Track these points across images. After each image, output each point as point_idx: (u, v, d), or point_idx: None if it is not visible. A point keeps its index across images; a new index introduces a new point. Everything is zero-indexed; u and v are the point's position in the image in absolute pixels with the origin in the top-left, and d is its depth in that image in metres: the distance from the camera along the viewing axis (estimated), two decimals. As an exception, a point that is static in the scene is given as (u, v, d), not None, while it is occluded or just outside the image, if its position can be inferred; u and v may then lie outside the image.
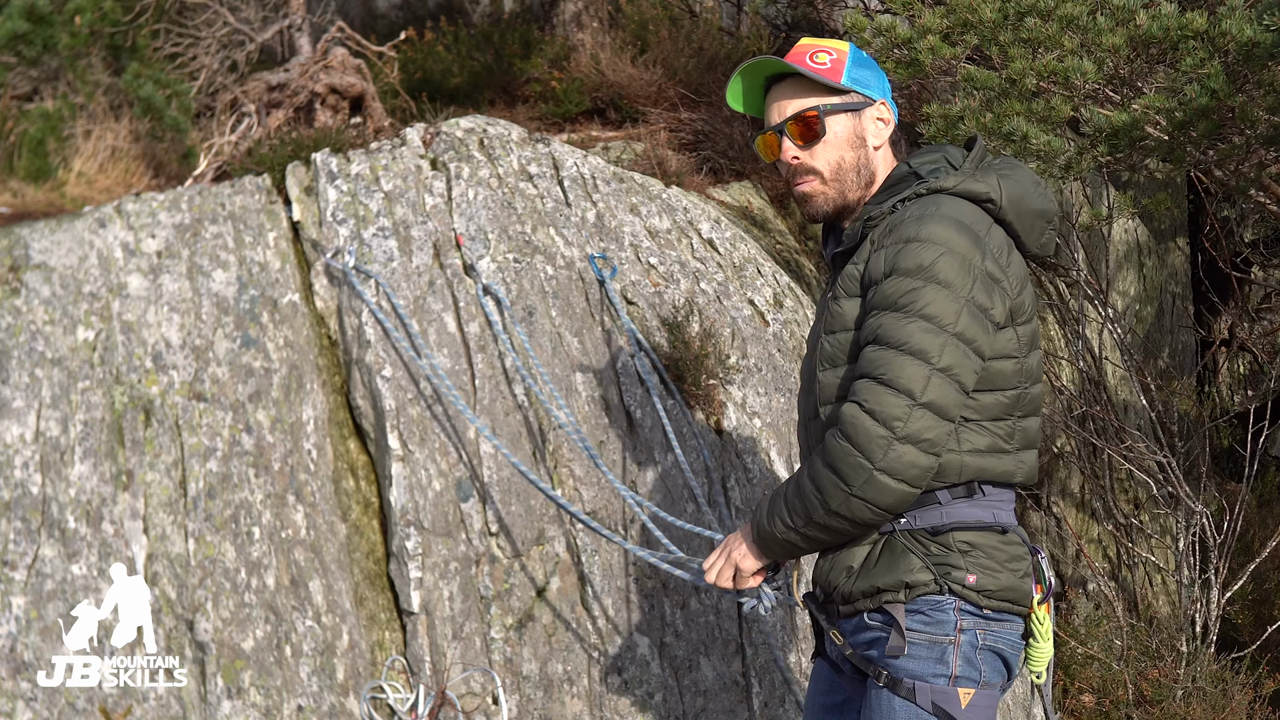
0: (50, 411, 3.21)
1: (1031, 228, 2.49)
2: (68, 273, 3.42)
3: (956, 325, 2.31)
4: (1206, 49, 4.02)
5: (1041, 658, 2.51)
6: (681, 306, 4.17)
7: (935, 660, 2.38)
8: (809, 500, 2.37)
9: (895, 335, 2.32)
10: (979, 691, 2.39)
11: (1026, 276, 2.46)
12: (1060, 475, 6.36)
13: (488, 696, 3.42)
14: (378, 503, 3.65)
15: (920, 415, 2.29)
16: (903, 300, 2.33)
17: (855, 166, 2.56)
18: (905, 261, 2.34)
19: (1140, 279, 7.32)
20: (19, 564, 3.01)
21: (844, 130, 2.55)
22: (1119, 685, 5.05)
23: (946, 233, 2.34)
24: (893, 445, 2.28)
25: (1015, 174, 2.48)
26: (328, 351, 3.81)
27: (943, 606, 2.38)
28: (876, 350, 2.34)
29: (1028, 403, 2.46)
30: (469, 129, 4.36)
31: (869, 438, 2.29)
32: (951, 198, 2.42)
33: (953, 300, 2.31)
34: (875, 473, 2.29)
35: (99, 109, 4.95)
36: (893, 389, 2.29)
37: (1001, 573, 2.41)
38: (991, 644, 2.41)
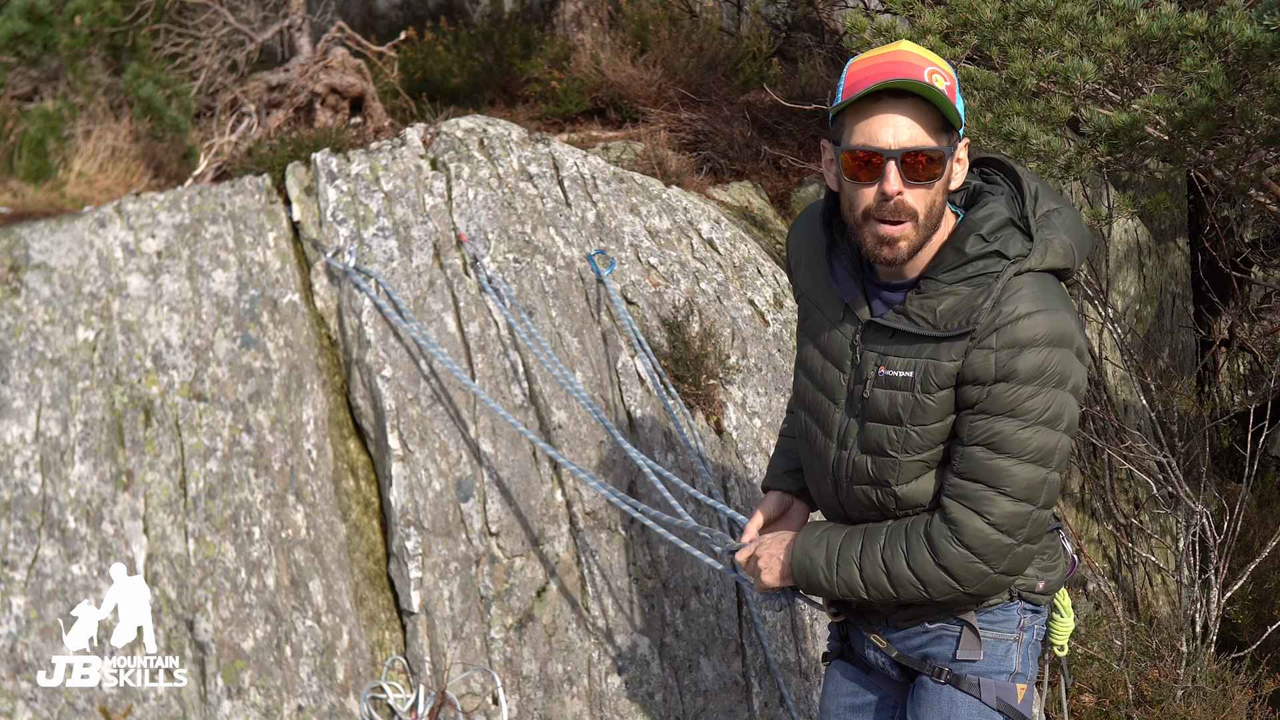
0: (50, 411, 3.21)
1: (1066, 270, 2.36)
2: (68, 273, 3.42)
3: (1066, 421, 2.27)
4: (1206, 49, 4.02)
5: (1064, 631, 2.58)
6: (681, 306, 4.16)
7: (1000, 658, 2.44)
8: (902, 588, 2.33)
9: (1016, 446, 2.24)
10: (1029, 688, 2.48)
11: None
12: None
13: (488, 696, 3.42)
14: (378, 503, 3.65)
15: (1039, 517, 2.30)
16: (1023, 408, 2.23)
17: (941, 210, 2.29)
18: (1023, 368, 2.21)
19: (1140, 279, 7.32)
20: (19, 564, 3.01)
21: (946, 173, 2.26)
22: (1119, 685, 5.05)
23: (1059, 329, 2.22)
24: (1014, 550, 2.29)
25: (1065, 216, 2.33)
26: (328, 351, 3.81)
27: (1009, 608, 2.45)
28: (994, 459, 2.25)
29: None
30: (469, 129, 4.36)
31: (995, 549, 2.27)
32: (1042, 278, 2.26)
33: (1067, 399, 2.25)
34: (994, 575, 2.31)
35: (99, 109, 4.95)
36: (1014, 499, 2.26)
37: (1055, 569, 2.48)
38: (1040, 639, 2.50)
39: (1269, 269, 8.19)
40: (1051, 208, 2.35)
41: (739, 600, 3.80)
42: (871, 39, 4.67)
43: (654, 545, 3.73)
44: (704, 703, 3.64)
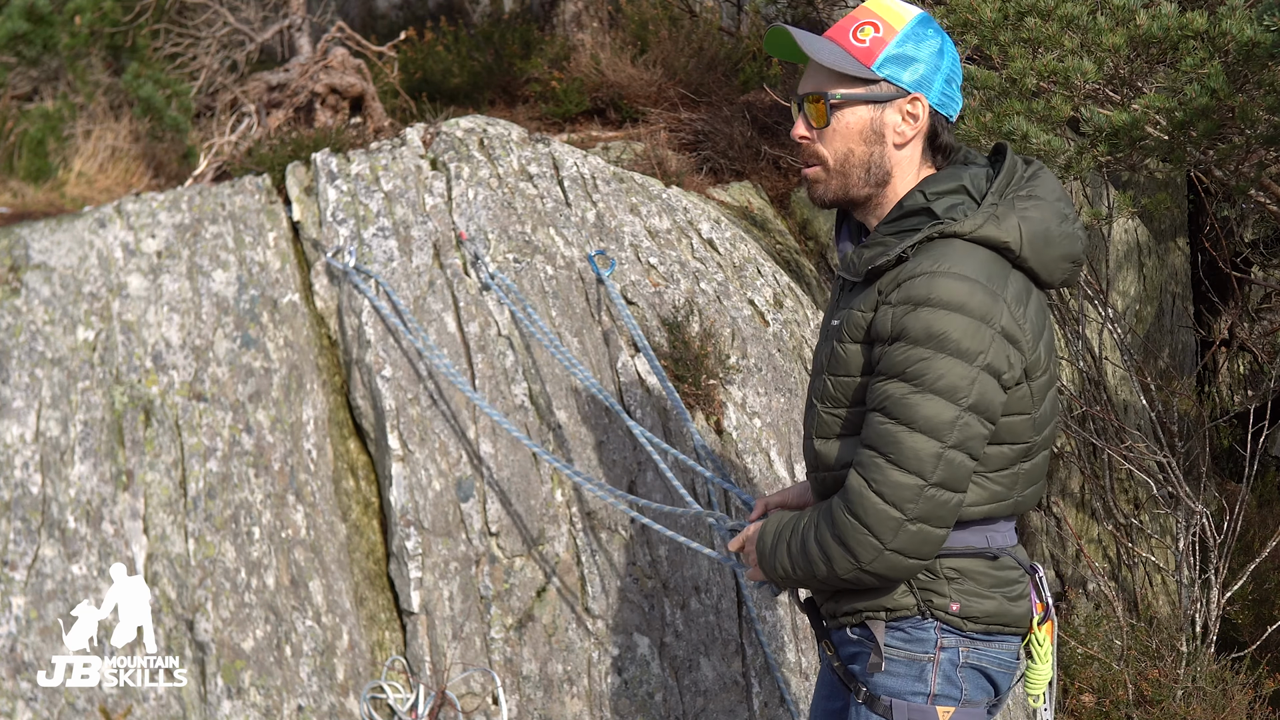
0: (50, 411, 3.21)
1: (1055, 270, 2.31)
2: (68, 273, 3.42)
3: (970, 398, 2.17)
4: (1206, 49, 4.02)
5: (1038, 679, 2.43)
6: (681, 306, 4.17)
7: (914, 678, 2.33)
8: (814, 564, 2.30)
9: (904, 410, 2.18)
10: (959, 710, 2.33)
11: (1044, 325, 2.30)
12: (1060, 475, 6.36)
13: (488, 696, 3.42)
14: (378, 503, 3.65)
15: (932, 494, 2.19)
16: (912, 371, 2.17)
17: (865, 163, 2.33)
18: (914, 326, 2.17)
19: (1140, 279, 7.32)
20: (19, 564, 3.01)
21: (857, 122, 2.30)
22: (1119, 685, 5.05)
23: (959, 294, 2.16)
24: (904, 526, 2.19)
25: (1038, 212, 2.27)
26: (328, 351, 3.81)
27: (924, 626, 2.33)
28: (885, 424, 2.20)
29: (1035, 449, 2.35)
30: (469, 129, 4.36)
31: (880, 520, 2.19)
32: (966, 245, 2.22)
33: (966, 371, 2.16)
34: (886, 552, 2.21)
35: (99, 109, 4.95)
36: (903, 469, 2.18)
37: (989, 599, 2.34)
38: (975, 662, 2.35)
39: (1269, 269, 8.20)
40: (1031, 195, 2.30)
41: (739, 600, 3.80)
42: (871, 39, 4.66)
43: (654, 545, 3.73)
44: (704, 703, 3.64)
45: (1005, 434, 2.28)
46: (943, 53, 2.32)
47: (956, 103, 2.35)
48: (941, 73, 2.32)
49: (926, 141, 2.34)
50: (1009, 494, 2.33)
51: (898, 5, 2.35)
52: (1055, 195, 2.33)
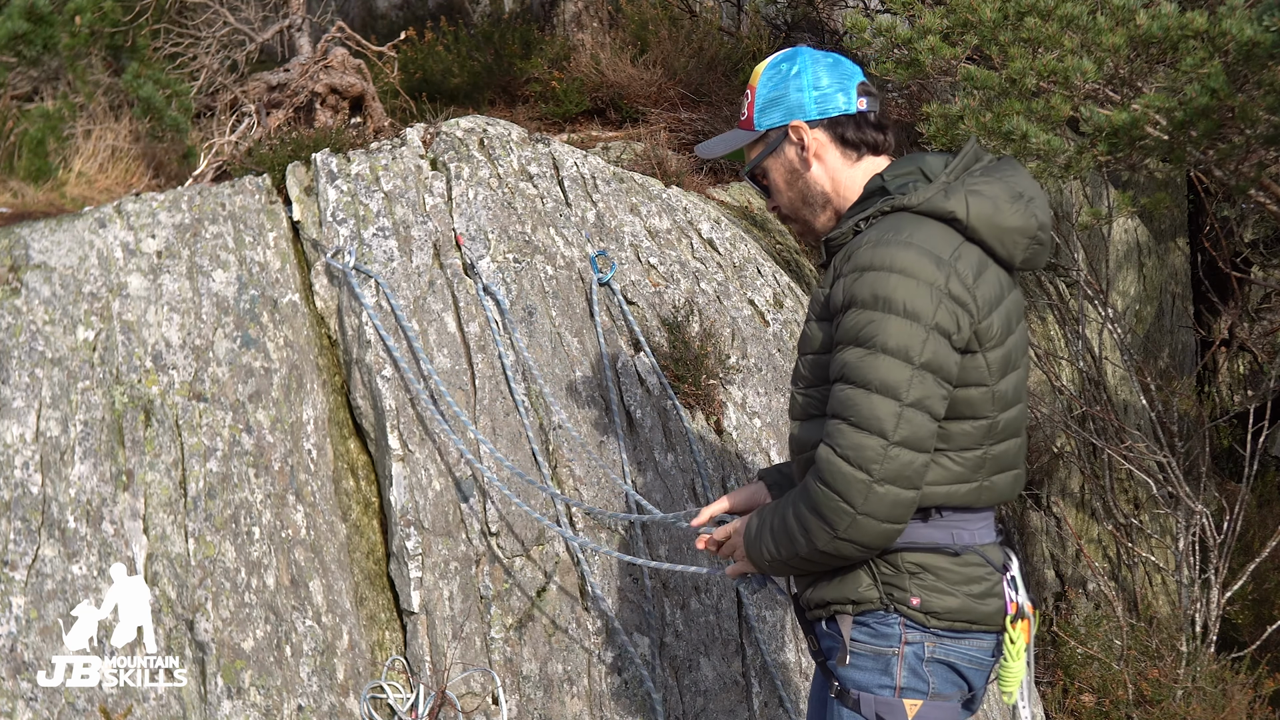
0: (50, 411, 3.21)
1: (1012, 245, 2.37)
2: (68, 273, 3.42)
3: (922, 355, 2.23)
4: (1206, 49, 4.02)
5: (1010, 678, 2.44)
6: (681, 306, 4.17)
7: (880, 671, 2.37)
8: (795, 539, 2.33)
9: (861, 373, 2.24)
10: (928, 703, 2.36)
11: (1000, 298, 2.34)
12: (1060, 475, 6.36)
13: (488, 696, 3.42)
14: (378, 503, 3.65)
15: (896, 454, 2.23)
16: (864, 334, 2.25)
17: (803, 198, 2.53)
18: (862, 292, 2.26)
19: (1140, 279, 7.32)
20: (19, 564, 3.01)
21: (777, 173, 2.54)
22: (1119, 685, 5.05)
23: (904, 258, 2.24)
24: (872, 489, 2.23)
25: (989, 188, 2.35)
26: (328, 351, 3.81)
27: (888, 620, 2.37)
28: (844, 389, 2.27)
29: (1001, 429, 2.38)
30: (469, 129, 4.36)
31: (847, 483, 2.24)
32: (915, 217, 2.32)
33: (916, 330, 2.23)
34: (859, 517, 2.24)
35: (99, 109, 4.95)
36: (865, 430, 2.23)
37: (951, 595, 2.36)
38: (942, 657, 2.37)
39: (1269, 269, 8.20)
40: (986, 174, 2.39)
41: (739, 600, 3.80)
42: (871, 39, 4.67)
43: (654, 545, 3.73)
44: (704, 703, 3.64)
45: (964, 407, 2.32)
46: (798, 74, 2.50)
47: (837, 100, 2.49)
48: (804, 89, 2.49)
49: (839, 145, 2.50)
50: (974, 476, 2.36)
51: (762, 65, 2.59)
52: (1013, 177, 2.40)
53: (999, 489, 2.42)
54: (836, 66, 2.51)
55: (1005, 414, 2.38)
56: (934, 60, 4.46)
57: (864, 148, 2.50)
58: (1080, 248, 5.97)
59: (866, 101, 2.50)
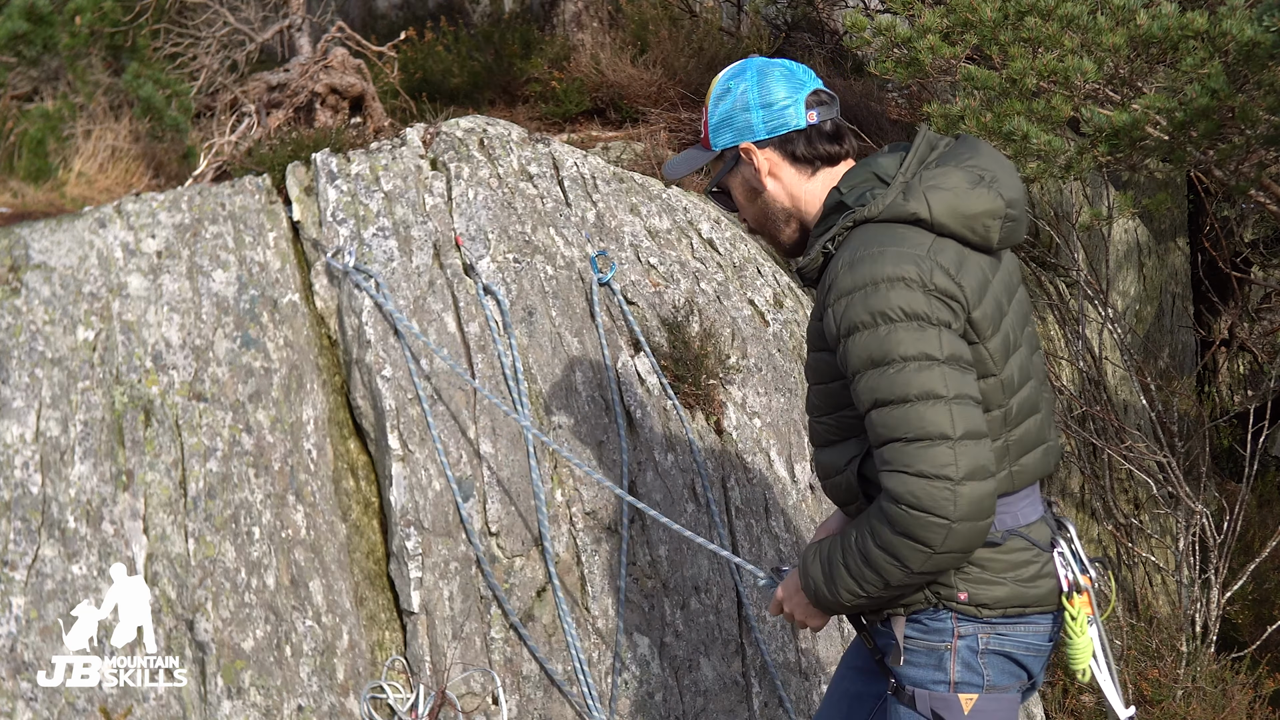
0: (50, 411, 3.21)
1: (984, 229, 2.33)
2: (68, 273, 3.42)
3: (943, 351, 2.21)
4: (1207, 49, 4.02)
5: (1078, 654, 2.41)
6: (681, 306, 4.17)
7: (933, 667, 2.36)
8: (885, 570, 2.26)
9: (895, 390, 2.20)
10: (984, 696, 2.35)
11: (986, 283, 2.32)
12: (1060, 475, 6.36)
13: (488, 696, 3.42)
14: (378, 503, 3.65)
15: (964, 450, 2.19)
16: (878, 353, 2.22)
17: (766, 214, 2.52)
18: (858, 315, 2.23)
19: (1140, 279, 7.32)
20: (19, 564, 3.01)
21: (738, 191, 2.53)
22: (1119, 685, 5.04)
23: (885, 268, 2.22)
24: (958, 493, 2.18)
25: (948, 179, 2.31)
26: (328, 351, 3.81)
27: (940, 616, 2.35)
28: (886, 412, 2.22)
29: (1016, 414, 2.36)
30: (469, 129, 4.36)
31: (933, 499, 2.18)
32: (880, 225, 2.29)
33: (926, 330, 2.21)
34: (954, 525, 2.19)
35: (99, 109, 4.95)
36: (926, 441, 2.18)
37: (999, 585, 2.34)
38: (997, 648, 2.35)
39: (1269, 269, 8.20)
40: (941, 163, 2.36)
41: (739, 600, 3.81)
42: (871, 39, 4.67)
43: (654, 545, 3.73)
44: (704, 703, 3.64)
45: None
46: (745, 92, 2.47)
47: (786, 116, 2.45)
48: (752, 109, 2.46)
49: (791, 163, 2.46)
50: (1000, 466, 2.33)
51: (715, 81, 2.56)
52: (974, 160, 2.36)
53: (1030, 468, 2.40)
54: (787, 78, 2.46)
55: (1017, 397, 2.36)
56: (934, 60, 4.46)
57: (818, 161, 2.46)
58: (1080, 248, 5.97)
59: (818, 113, 2.45)
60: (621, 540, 3.67)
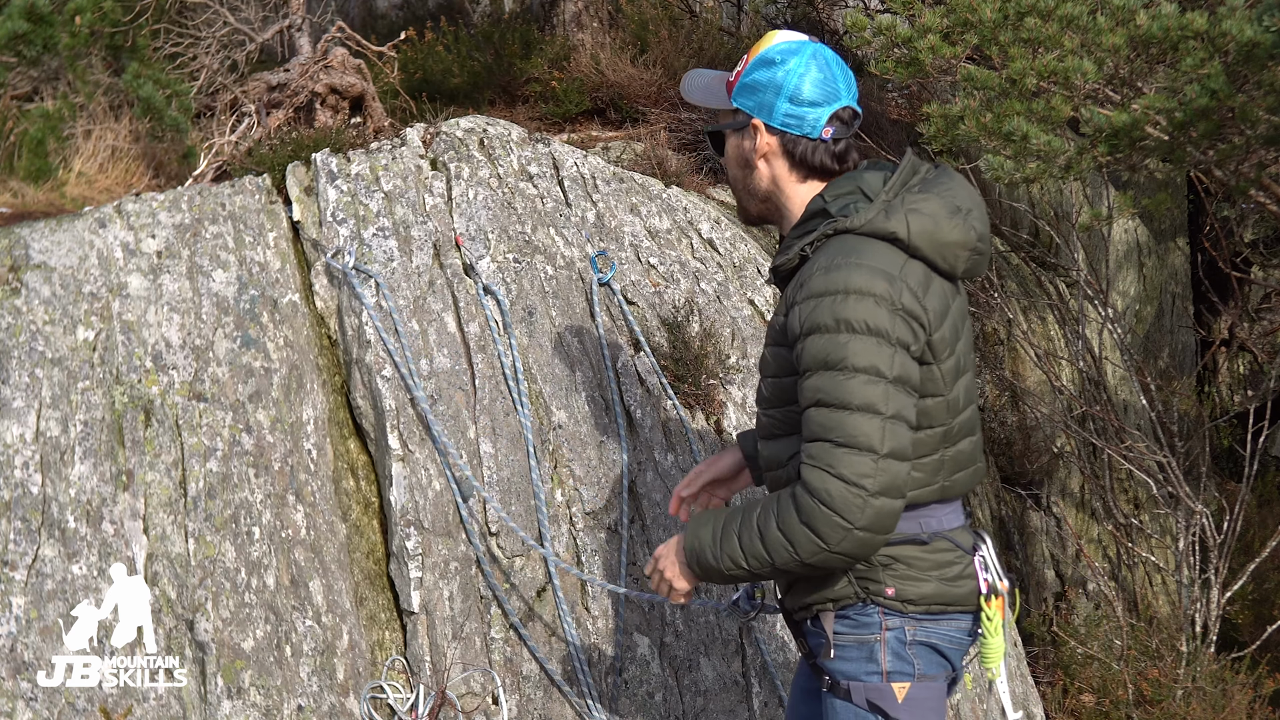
0: (50, 411, 3.21)
1: (953, 258, 2.42)
2: (68, 273, 3.42)
3: (893, 370, 2.30)
4: (1206, 49, 4.02)
5: (992, 654, 2.52)
6: (681, 306, 4.17)
7: (865, 659, 2.45)
8: (776, 551, 2.36)
9: (838, 395, 2.30)
10: (916, 684, 2.44)
11: (947, 308, 2.41)
12: (1060, 475, 6.37)
13: (488, 696, 3.42)
14: (378, 503, 3.65)
15: (886, 466, 2.29)
16: (834, 358, 2.30)
17: (744, 184, 2.57)
18: (823, 317, 2.31)
19: (1140, 279, 7.32)
20: (19, 564, 3.01)
21: (733, 150, 2.57)
22: (1119, 685, 5.05)
23: (857, 279, 2.30)
24: (868, 504, 2.28)
25: (928, 205, 2.40)
26: (328, 351, 3.81)
27: (867, 611, 2.45)
28: (825, 413, 2.31)
29: (956, 433, 2.46)
30: (469, 129, 4.36)
31: (845, 503, 2.28)
32: (859, 238, 2.37)
33: (882, 346, 2.29)
34: (855, 531, 2.29)
35: (99, 109, 4.95)
36: (854, 449, 2.28)
37: (925, 581, 2.44)
38: (923, 639, 2.45)
39: (1269, 269, 8.21)
40: (925, 190, 2.44)
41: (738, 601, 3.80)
42: (871, 39, 4.67)
43: (654, 545, 3.73)
44: (704, 703, 3.64)
45: (922, 418, 2.39)
46: (784, 76, 2.48)
47: (805, 119, 2.48)
48: (781, 95, 2.48)
49: (788, 159, 2.51)
50: (934, 479, 2.44)
51: (773, 34, 2.56)
52: (952, 191, 2.46)
53: (959, 484, 2.51)
54: (825, 84, 2.49)
55: (959, 418, 2.46)
56: (934, 60, 4.46)
57: (812, 172, 2.51)
58: (1080, 248, 5.97)
59: (834, 129, 2.50)
60: (621, 540, 3.67)
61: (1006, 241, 6.57)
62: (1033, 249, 6.51)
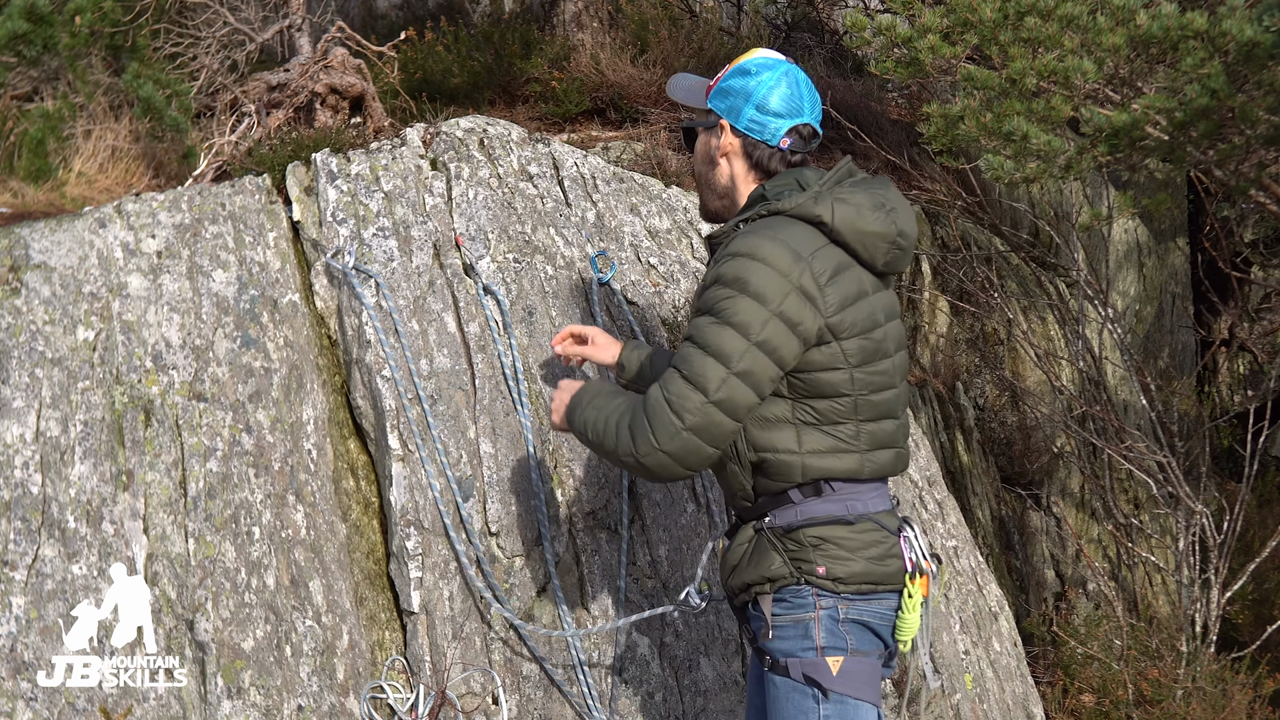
0: (50, 411, 3.21)
1: (873, 248, 2.66)
2: (68, 273, 3.42)
3: (760, 335, 2.54)
4: (1206, 49, 4.02)
5: (905, 628, 2.70)
6: (681, 306, 4.17)
7: (801, 637, 2.64)
8: (606, 435, 2.69)
9: (705, 337, 2.57)
10: (849, 658, 2.63)
11: (860, 295, 2.64)
12: (1060, 475, 6.37)
13: (488, 696, 3.42)
14: (378, 503, 3.65)
15: (708, 412, 2.56)
16: (717, 307, 2.58)
17: (706, 179, 2.87)
18: (727, 272, 2.58)
19: (1140, 279, 7.33)
20: (19, 564, 3.01)
21: (701, 146, 2.87)
22: (1119, 685, 5.05)
23: (767, 249, 2.56)
24: (679, 434, 2.58)
25: (855, 198, 2.65)
26: (328, 351, 3.81)
27: (801, 593, 2.66)
28: (688, 347, 2.61)
29: (871, 408, 2.67)
30: (469, 129, 4.36)
31: (662, 425, 2.58)
32: (786, 219, 2.63)
33: (760, 312, 2.54)
34: (659, 452, 2.60)
35: (99, 109, 4.95)
36: (691, 385, 2.57)
37: (853, 560, 2.65)
38: (855, 617, 2.65)
39: (1269, 269, 8.22)
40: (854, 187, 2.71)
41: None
42: (871, 39, 4.68)
43: (654, 545, 3.73)
44: (704, 703, 3.64)
45: (824, 388, 2.63)
46: (755, 86, 2.77)
47: (768, 127, 2.77)
48: (749, 102, 2.77)
49: (746, 161, 2.80)
50: (853, 447, 2.67)
51: (754, 50, 2.88)
52: (881, 191, 2.72)
53: (882, 463, 2.72)
54: (791, 99, 2.77)
55: (875, 395, 2.67)
56: (934, 60, 4.46)
57: (766, 176, 2.79)
58: (1080, 248, 5.97)
59: (792, 142, 2.77)
60: (621, 540, 3.67)
61: (1006, 241, 6.57)
62: (1033, 249, 6.51)
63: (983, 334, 6.34)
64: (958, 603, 4.42)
